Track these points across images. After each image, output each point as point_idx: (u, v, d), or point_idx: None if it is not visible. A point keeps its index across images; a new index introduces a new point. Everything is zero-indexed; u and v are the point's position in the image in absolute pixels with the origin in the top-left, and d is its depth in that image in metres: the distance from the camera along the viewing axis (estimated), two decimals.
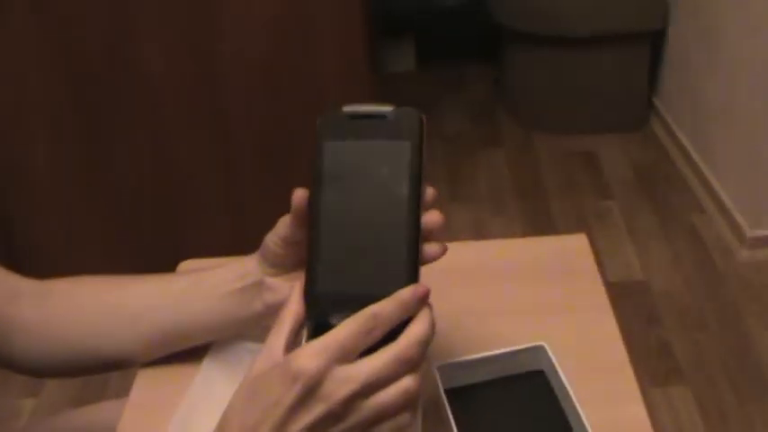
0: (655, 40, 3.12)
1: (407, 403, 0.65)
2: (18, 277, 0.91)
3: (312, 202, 0.69)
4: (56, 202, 2.29)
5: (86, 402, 2.08)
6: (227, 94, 2.15)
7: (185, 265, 1.07)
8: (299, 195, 0.72)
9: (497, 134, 3.27)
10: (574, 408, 0.80)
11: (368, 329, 0.64)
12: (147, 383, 0.93)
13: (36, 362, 0.90)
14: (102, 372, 0.93)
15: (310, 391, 0.62)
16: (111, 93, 2.12)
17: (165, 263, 0.98)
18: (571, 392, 0.81)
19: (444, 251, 0.72)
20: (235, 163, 2.25)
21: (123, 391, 0.94)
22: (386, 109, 0.71)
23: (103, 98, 2.13)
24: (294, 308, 0.67)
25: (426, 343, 0.66)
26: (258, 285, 0.82)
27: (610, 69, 3.10)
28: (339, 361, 0.63)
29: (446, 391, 0.83)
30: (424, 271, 0.75)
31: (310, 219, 0.69)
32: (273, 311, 0.72)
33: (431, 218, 0.70)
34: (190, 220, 2.34)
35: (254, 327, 0.86)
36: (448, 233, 0.73)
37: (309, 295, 0.68)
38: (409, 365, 0.64)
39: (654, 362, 2.18)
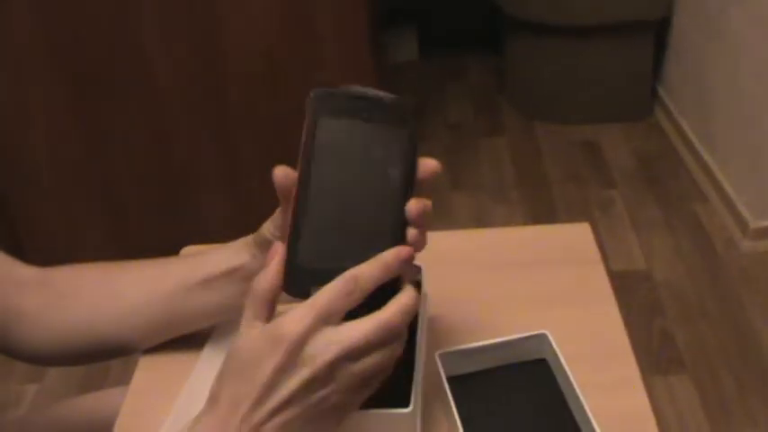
0: (659, 30, 3.11)
1: (389, 368, 0.66)
2: (21, 265, 0.91)
3: (301, 175, 0.68)
4: (56, 188, 2.29)
5: (89, 389, 2.10)
6: (228, 81, 2.15)
7: (187, 251, 1.07)
8: (281, 174, 0.71)
9: (500, 123, 3.27)
10: (576, 396, 0.80)
11: (348, 291, 0.64)
12: (148, 370, 0.94)
13: (39, 350, 0.91)
14: (104, 359, 0.93)
15: (294, 355, 0.62)
16: (110, 78, 2.12)
17: (166, 249, 0.97)
18: (573, 381, 0.81)
19: (425, 242, 0.71)
20: (235, 149, 2.25)
21: (125, 378, 0.94)
22: (383, 94, 0.70)
23: (103, 83, 2.13)
24: (268, 278, 0.66)
25: (410, 314, 0.66)
26: (253, 274, 0.82)
27: (613, 58, 3.09)
28: (322, 324, 0.63)
29: (448, 379, 0.83)
30: (426, 259, 0.75)
31: (297, 191, 0.68)
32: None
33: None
34: (191, 206, 2.34)
35: None
36: (449, 221, 0.73)
37: (290, 266, 0.67)
38: (393, 334, 0.65)
39: (655, 351, 2.18)
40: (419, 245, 0.70)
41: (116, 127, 2.20)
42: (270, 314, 0.66)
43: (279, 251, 0.67)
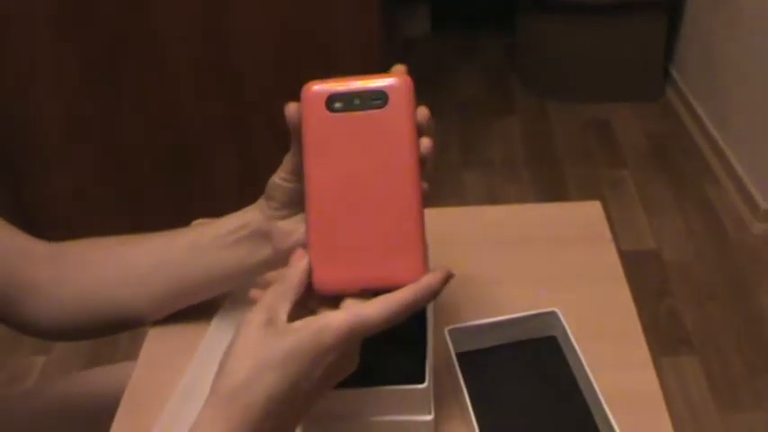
0: (672, 10, 3.09)
1: None
2: (32, 239, 0.91)
3: (306, 175, 0.69)
4: (67, 162, 2.29)
5: (97, 362, 2.11)
6: (241, 56, 2.14)
7: (198, 223, 1.06)
8: (293, 110, 0.72)
9: (511, 101, 3.25)
10: (585, 374, 0.80)
11: (400, 316, 0.66)
12: (157, 342, 0.94)
13: (51, 324, 0.90)
14: (115, 332, 0.93)
15: (335, 361, 0.66)
16: (122, 53, 2.12)
17: (176, 222, 0.97)
18: (582, 358, 0.81)
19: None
20: (247, 125, 2.25)
21: (134, 351, 0.94)
22: (376, 79, 0.70)
23: (115, 58, 2.12)
24: (299, 277, 0.68)
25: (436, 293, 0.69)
26: (263, 232, 0.82)
27: (626, 38, 3.07)
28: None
29: (457, 355, 0.83)
30: (437, 235, 0.75)
31: (306, 189, 0.69)
32: (285, 256, 0.72)
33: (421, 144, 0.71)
34: (200, 179, 2.35)
35: (264, 273, 0.86)
36: (460, 199, 0.73)
37: (316, 275, 0.69)
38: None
39: (664, 331, 2.18)
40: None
41: (126, 100, 2.19)
42: (294, 311, 0.67)
43: (302, 256, 0.70)
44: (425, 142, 0.70)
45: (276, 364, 0.64)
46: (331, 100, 0.69)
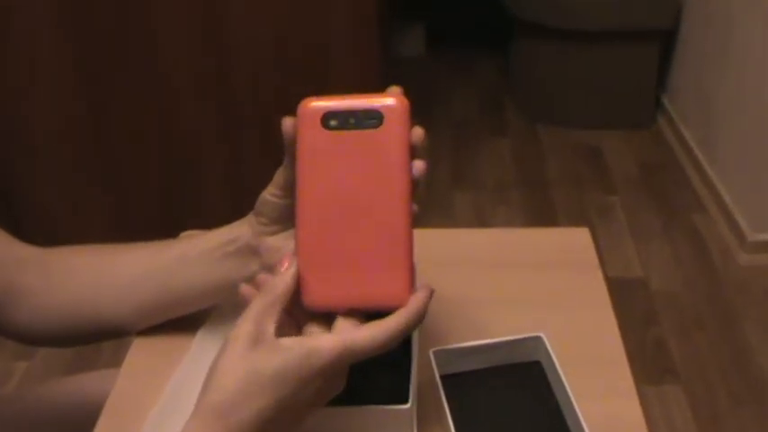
0: (665, 39, 3.11)
1: None
2: (21, 245, 0.91)
3: (298, 191, 0.69)
4: (59, 171, 2.29)
5: (79, 368, 2.10)
6: (236, 71, 2.14)
7: (186, 235, 1.06)
8: (290, 124, 0.72)
9: (503, 123, 3.26)
10: (568, 400, 0.80)
11: (391, 343, 0.67)
12: (141, 352, 0.93)
13: (35, 329, 0.90)
14: (100, 340, 0.93)
15: (326, 383, 0.67)
16: (117, 63, 2.12)
17: (166, 231, 0.97)
18: (566, 384, 0.81)
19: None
20: (239, 138, 2.25)
21: (116, 359, 0.94)
22: (373, 98, 0.69)
23: (110, 68, 2.13)
24: (286, 286, 0.68)
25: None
26: (251, 247, 0.82)
27: (619, 65, 3.09)
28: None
29: (441, 377, 0.82)
30: (425, 256, 0.75)
31: (297, 205, 0.69)
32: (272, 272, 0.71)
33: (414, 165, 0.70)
34: (191, 189, 2.34)
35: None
36: (449, 218, 0.73)
37: (305, 291, 0.69)
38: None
39: (649, 360, 2.18)
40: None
41: (120, 108, 2.19)
42: (281, 321, 0.67)
43: (292, 260, 0.69)
44: (419, 165, 0.70)
45: (265, 382, 0.64)
46: (326, 117, 0.69)
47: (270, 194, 0.78)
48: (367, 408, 0.75)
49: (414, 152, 0.70)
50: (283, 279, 0.68)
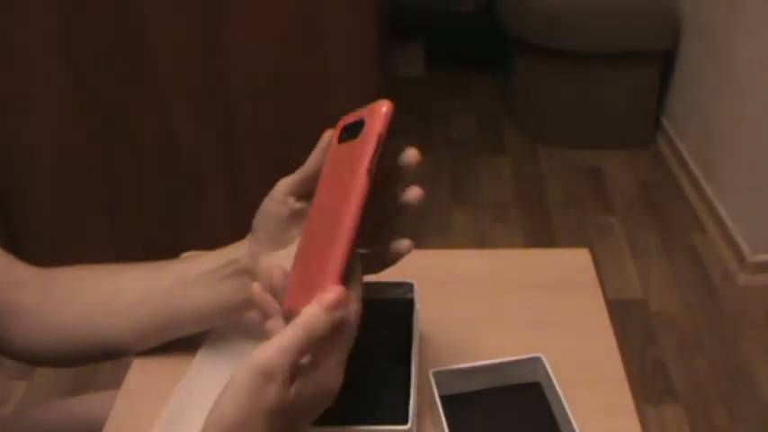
0: (665, 60, 3.12)
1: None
2: (20, 264, 0.91)
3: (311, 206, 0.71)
4: (59, 190, 2.29)
5: (78, 387, 2.09)
6: (235, 90, 2.15)
7: (187, 255, 1.06)
8: (326, 136, 0.72)
9: (502, 143, 3.27)
10: (568, 420, 0.80)
11: (305, 350, 0.62)
12: (140, 373, 0.93)
13: (33, 349, 0.90)
14: (97, 361, 0.93)
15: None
16: (117, 82, 2.12)
17: (167, 252, 0.97)
18: (566, 405, 0.81)
19: (410, 248, 0.69)
20: (239, 156, 2.25)
21: (115, 378, 0.94)
22: (369, 107, 0.68)
23: (109, 88, 2.13)
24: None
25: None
26: (249, 270, 0.81)
27: (619, 86, 3.10)
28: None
29: (441, 398, 0.82)
30: (425, 276, 0.75)
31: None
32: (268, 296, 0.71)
33: (409, 193, 0.69)
34: (193, 211, 2.34)
35: (250, 311, 0.85)
36: (448, 238, 0.72)
37: (285, 301, 0.68)
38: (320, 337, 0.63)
39: (648, 380, 2.18)
40: (405, 251, 0.70)
41: (119, 127, 2.20)
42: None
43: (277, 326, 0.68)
44: (415, 191, 0.69)
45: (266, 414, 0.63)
46: (342, 131, 0.69)
47: (275, 201, 0.78)
48: (366, 429, 0.75)
49: (406, 173, 0.70)
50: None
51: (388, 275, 0.77)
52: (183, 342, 0.92)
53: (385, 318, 0.68)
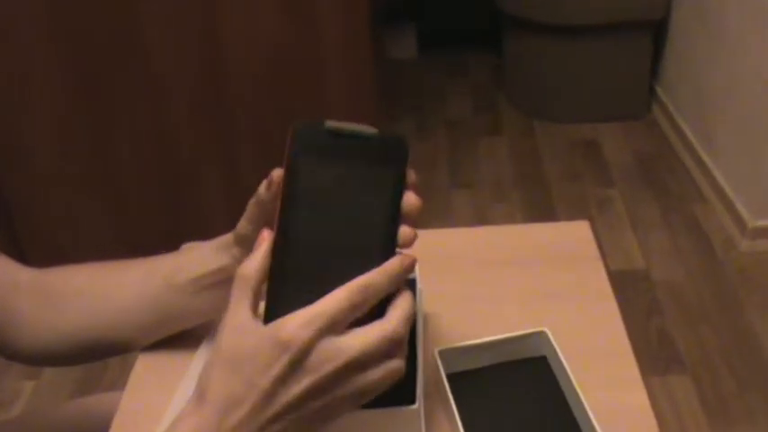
0: (657, 29, 3.11)
1: (392, 382, 0.65)
2: (17, 266, 0.91)
3: (281, 219, 0.65)
4: (58, 187, 2.29)
5: (86, 385, 2.10)
6: (232, 79, 2.14)
7: (187, 247, 1.06)
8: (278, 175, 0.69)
9: (499, 122, 3.27)
10: (576, 393, 0.80)
11: (358, 303, 0.62)
12: (146, 368, 0.93)
13: (35, 351, 0.90)
14: (100, 359, 0.93)
15: (299, 362, 0.61)
16: (115, 81, 2.12)
17: (165, 241, 0.97)
18: (573, 378, 0.81)
19: (415, 237, 0.69)
20: (236, 147, 2.25)
21: (123, 376, 0.94)
22: (370, 131, 0.66)
23: (108, 85, 2.13)
24: (254, 265, 0.65)
25: (411, 320, 0.65)
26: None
27: (612, 58, 3.09)
28: (328, 332, 0.61)
29: (447, 376, 0.82)
30: (426, 256, 0.75)
31: (277, 236, 0.65)
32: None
33: (408, 200, 0.67)
34: (190, 199, 2.34)
35: None
36: (448, 218, 0.71)
37: (271, 311, 0.64)
38: (396, 343, 0.63)
39: (654, 351, 2.18)
40: (410, 239, 0.68)
41: (118, 123, 2.19)
42: (257, 302, 0.64)
43: (266, 237, 0.65)
44: (411, 199, 0.67)
45: (227, 355, 0.63)
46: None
47: (243, 229, 0.77)
48: (374, 410, 0.74)
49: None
50: (252, 261, 0.65)
51: None
52: (187, 334, 0.92)
53: (387, 299, 0.68)
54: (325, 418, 0.64)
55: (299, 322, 0.61)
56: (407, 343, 0.66)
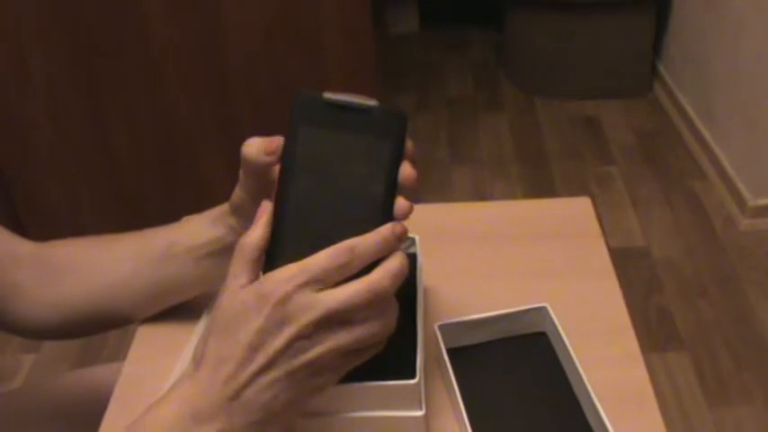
0: (659, 6, 3.10)
1: (381, 339, 0.65)
2: (18, 240, 0.91)
3: (280, 188, 0.66)
4: (57, 166, 2.28)
5: (86, 359, 2.10)
6: (229, 54, 2.13)
7: (187, 219, 1.06)
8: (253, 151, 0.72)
9: (499, 98, 3.26)
10: (576, 369, 0.80)
11: (345, 262, 0.62)
12: (146, 340, 0.93)
13: (36, 324, 0.91)
14: (101, 332, 0.93)
15: (278, 313, 0.61)
16: (113, 56, 2.11)
17: (165, 217, 0.97)
18: (573, 354, 0.81)
19: (412, 209, 0.68)
20: (234, 123, 2.24)
21: (122, 349, 0.94)
22: (370, 103, 0.66)
23: (105, 62, 2.12)
24: (255, 236, 0.65)
25: (399, 277, 0.64)
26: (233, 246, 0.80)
27: (614, 35, 3.08)
28: (310, 287, 0.61)
29: (448, 351, 0.82)
30: (426, 231, 0.75)
31: (276, 205, 0.66)
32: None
33: (404, 172, 0.66)
34: (189, 177, 2.34)
35: None
36: (448, 194, 0.71)
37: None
38: (380, 298, 0.63)
39: (653, 328, 2.19)
40: (406, 211, 0.67)
41: (116, 98, 2.19)
42: (256, 272, 0.64)
43: (266, 209, 0.65)
44: (407, 170, 0.67)
45: (218, 319, 0.64)
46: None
47: (238, 198, 0.78)
48: (374, 384, 0.75)
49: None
50: (253, 231, 0.65)
51: None
52: (186, 307, 0.92)
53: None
54: (316, 377, 0.64)
55: (281, 276, 0.61)
56: (397, 301, 0.66)
